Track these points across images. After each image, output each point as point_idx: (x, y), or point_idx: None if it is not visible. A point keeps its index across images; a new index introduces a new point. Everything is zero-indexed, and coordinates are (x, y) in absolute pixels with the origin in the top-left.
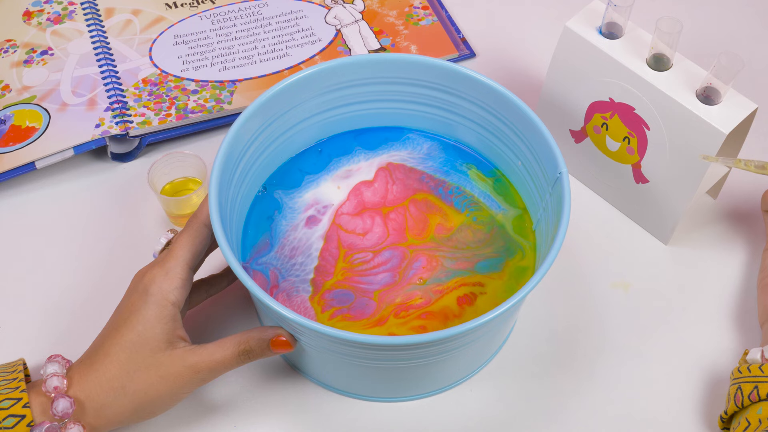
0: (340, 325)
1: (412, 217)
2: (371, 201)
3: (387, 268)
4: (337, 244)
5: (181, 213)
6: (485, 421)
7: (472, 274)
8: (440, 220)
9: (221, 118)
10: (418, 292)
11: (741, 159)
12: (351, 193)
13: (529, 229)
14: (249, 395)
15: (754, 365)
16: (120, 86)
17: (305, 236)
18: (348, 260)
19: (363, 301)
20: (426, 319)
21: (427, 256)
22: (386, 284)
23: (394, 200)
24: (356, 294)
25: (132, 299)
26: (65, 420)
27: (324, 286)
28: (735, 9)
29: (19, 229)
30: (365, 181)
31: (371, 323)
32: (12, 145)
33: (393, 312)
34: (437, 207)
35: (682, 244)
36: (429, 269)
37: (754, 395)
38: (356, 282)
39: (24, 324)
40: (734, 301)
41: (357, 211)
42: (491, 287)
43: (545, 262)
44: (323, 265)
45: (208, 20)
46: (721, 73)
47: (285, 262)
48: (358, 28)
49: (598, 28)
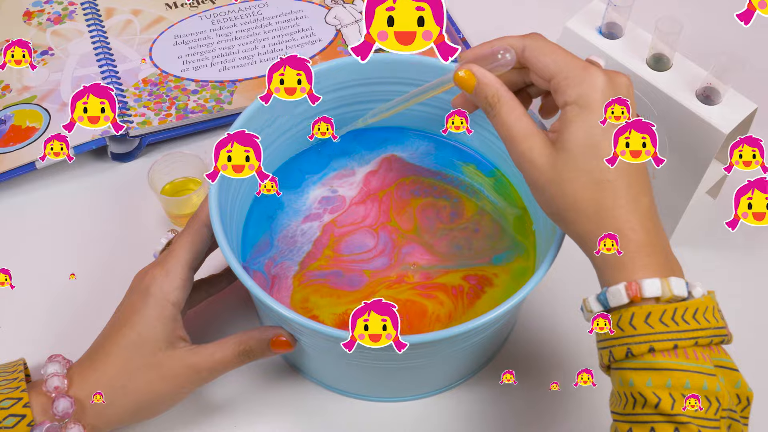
0: (315, 296)
1: (414, 207)
2: (373, 190)
3: (381, 253)
4: (330, 236)
5: (181, 213)
6: (485, 421)
7: (479, 267)
8: (449, 207)
9: (221, 118)
10: (415, 273)
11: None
12: (351, 192)
13: (529, 229)
14: (249, 395)
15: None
16: (120, 86)
17: (302, 231)
18: (338, 247)
19: (353, 277)
20: (423, 290)
21: (424, 246)
22: (381, 267)
23: (396, 192)
24: (345, 272)
25: (132, 299)
26: (65, 420)
27: (309, 267)
28: (735, 9)
29: (19, 229)
30: (368, 172)
31: (361, 295)
32: (12, 145)
33: (386, 285)
34: (447, 191)
35: (682, 244)
36: (427, 257)
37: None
38: (347, 262)
39: (24, 324)
40: (734, 301)
41: (358, 203)
42: (494, 281)
43: (545, 262)
44: (314, 252)
45: (208, 20)
46: (721, 73)
47: (280, 254)
48: (358, 28)
49: (598, 28)
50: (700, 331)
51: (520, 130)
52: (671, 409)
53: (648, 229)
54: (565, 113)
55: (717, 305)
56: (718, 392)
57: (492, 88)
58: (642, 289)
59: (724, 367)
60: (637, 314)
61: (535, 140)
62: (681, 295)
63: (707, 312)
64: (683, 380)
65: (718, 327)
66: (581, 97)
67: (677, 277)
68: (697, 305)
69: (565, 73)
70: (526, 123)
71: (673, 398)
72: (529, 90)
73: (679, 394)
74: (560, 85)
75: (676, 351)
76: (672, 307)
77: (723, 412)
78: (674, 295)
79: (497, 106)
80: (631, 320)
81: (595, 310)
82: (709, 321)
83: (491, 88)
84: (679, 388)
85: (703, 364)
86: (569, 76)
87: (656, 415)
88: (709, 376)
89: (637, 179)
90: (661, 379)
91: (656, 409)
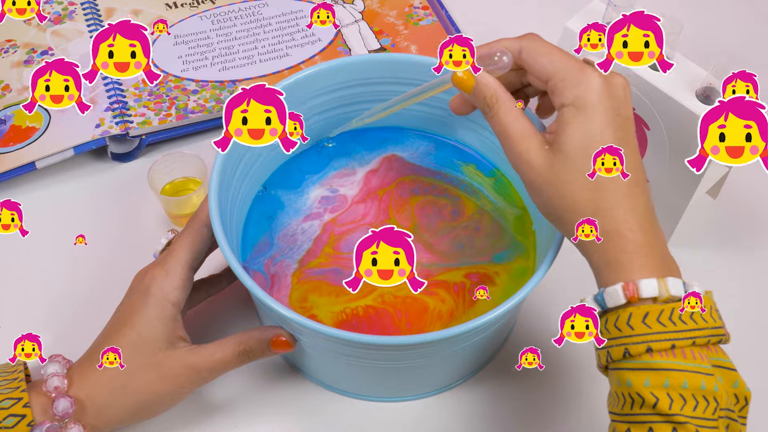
0: (313, 295)
1: (413, 205)
2: (373, 188)
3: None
4: (330, 234)
5: (181, 213)
6: (485, 421)
7: (481, 264)
8: (450, 206)
9: (221, 118)
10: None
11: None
12: (352, 191)
13: (529, 229)
14: (249, 395)
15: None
16: (120, 86)
17: (302, 230)
18: (338, 245)
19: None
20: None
21: (424, 244)
22: None
23: (396, 191)
24: (345, 270)
25: (132, 299)
26: (65, 420)
27: (308, 264)
28: (735, 9)
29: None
30: (368, 171)
31: (359, 293)
32: (12, 145)
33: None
34: (447, 190)
35: (682, 244)
36: (427, 255)
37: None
38: (347, 260)
39: (24, 324)
40: (733, 301)
41: (358, 201)
42: (495, 279)
43: (545, 262)
44: (314, 250)
45: (208, 20)
46: (721, 73)
47: (280, 252)
48: (358, 28)
49: None
50: (697, 331)
51: (517, 131)
52: (669, 409)
53: (646, 229)
54: (562, 115)
55: (714, 305)
56: (716, 392)
57: (490, 88)
58: (639, 289)
59: (722, 366)
60: (634, 314)
61: (533, 141)
62: (678, 295)
63: (704, 312)
64: (681, 380)
65: (715, 327)
66: (578, 99)
67: (674, 278)
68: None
69: (562, 75)
70: (523, 124)
71: (671, 398)
72: (527, 90)
73: (677, 394)
74: (557, 86)
75: (674, 351)
76: (669, 308)
77: (721, 411)
78: (671, 295)
79: (495, 106)
80: (628, 320)
81: None
82: (706, 321)
83: (490, 88)
84: (677, 388)
85: (701, 364)
86: (566, 78)
87: (654, 415)
88: (707, 375)
89: (635, 179)
90: (658, 379)
91: (654, 409)
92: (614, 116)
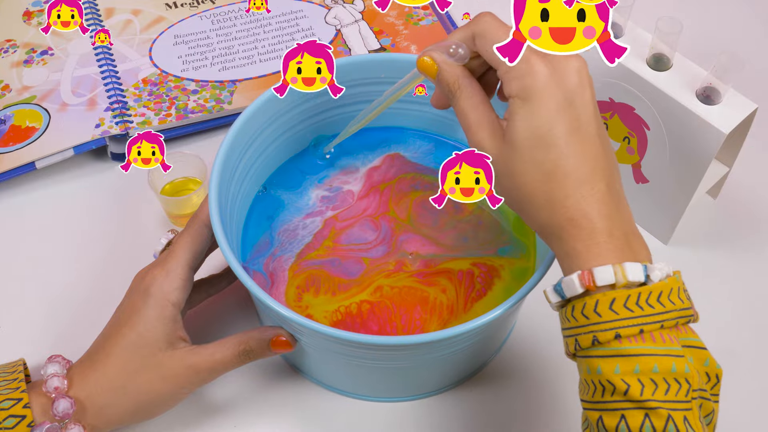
0: (308, 295)
1: (412, 198)
2: (375, 183)
3: (381, 242)
4: (332, 228)
5: (181, 213)
6: (485, 421)
7: (487, 257)
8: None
9: (221, 118)
10: (414, 262)
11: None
12: (355, 187)
13: (529, 228)
14: (249, 395)
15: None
16: (120, 86)
17: (303, 225)
18: (338, 238)
19: (350, 264)
20: (423, 277)
21: (423, 235)
22: (379, 255)
23: (396, 186)
24: (343, 260)
25: (133, 299)
26: (66, 420)
27: (307, 256)
28: (735, 9)
29: (19, 229)
30: (371, 167)
31: (358, 288)
32: (12, 145)
33: (384, 274)
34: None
35: (682, 244)
36: (428, 247)
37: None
38: (345, 251)
39: (24, 324)
40: (734, 301)
41: (361, 197)
42: (500, 272)
43: (545, 262)
44: (313, 243)
45: (208, 20)
46: (721, 73)
47: (281, 247)
48: (358, 28)
49: None
50: (665, 314)
51: (474, 118)
52: (640, 395)
53: (604, 215)
54: (510, 106)
55: (683, 285)
56: (687, 373)
57: (453, 75)
58: (594, 277)
59: (692, 346)
60: (601, 301)
61: (487, 131)
62: (637, 280)
63: (672, 294)
64: (651, 364)
65: (683, 308)
66: (523, 90)
67: (633, 263)
68: (662, 288)
69: (507, 65)
70: (481, 112)
71: (642, 384)
72: (492, 76)
73: (648, 379)
74: (504, 77)
75: (643, 335)
76: (636, 292)
77: (694, 393)
78: (629, 281)
79: (457, 93)
80: (595, 307)
81: (553, 301)
82: (674, 303)
83: (452, 75)
84: (648, 372)
85: (671, 346)
86: (511, 68)
87: (626, 402)
88: (677, 357)
89: (593, 165)
90: (628, 365)
91: (625, 396)
92: (565, 105)
